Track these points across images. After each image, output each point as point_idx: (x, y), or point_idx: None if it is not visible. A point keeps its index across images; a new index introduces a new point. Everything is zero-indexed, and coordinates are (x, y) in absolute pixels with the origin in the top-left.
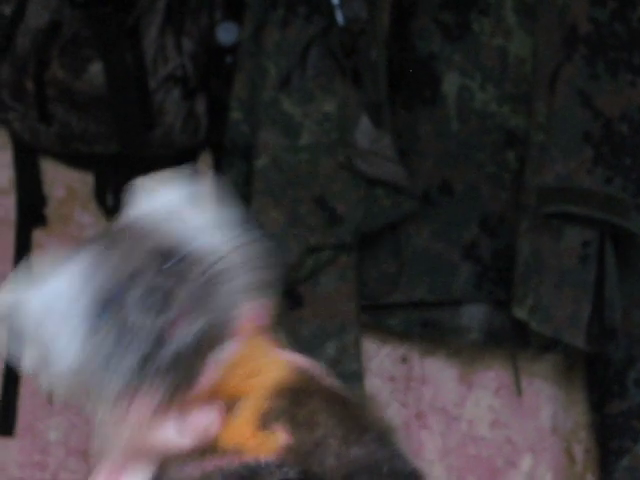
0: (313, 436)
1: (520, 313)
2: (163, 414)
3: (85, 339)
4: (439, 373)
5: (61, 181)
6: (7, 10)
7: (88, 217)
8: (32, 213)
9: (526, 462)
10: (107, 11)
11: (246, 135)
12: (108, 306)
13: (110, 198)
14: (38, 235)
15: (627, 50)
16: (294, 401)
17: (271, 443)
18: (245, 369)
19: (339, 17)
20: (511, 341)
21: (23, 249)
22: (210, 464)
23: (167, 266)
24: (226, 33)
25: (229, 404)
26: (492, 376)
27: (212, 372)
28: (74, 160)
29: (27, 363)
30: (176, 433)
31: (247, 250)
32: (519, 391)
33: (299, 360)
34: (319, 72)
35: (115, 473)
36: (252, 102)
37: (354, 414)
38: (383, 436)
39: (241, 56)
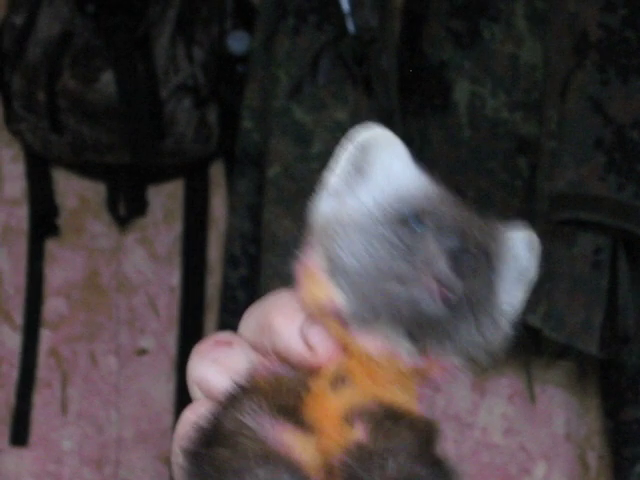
0: (387, 444)
1: (533, 320)
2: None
3: (376, 223)
4: (450, 380)
5: (73, 191)
6: (18, 20)
7: (100, 226)
8: (45, 223)
9: (540, 469)
10: (118, 21)
11: (257, 144)
12: (425, 226)
13: (122, 207)
14: (51, 245)
15: (638, 56)
16: (387, 413)
17: (346, 436)
18: (380, 376)
19: (350, 25)
20: (524, 348)
21: (36, 259)
22: (280, 434)
23: (483, 267)
24: (237, 42)
25: (335, 380)
26: (505, 383)
27: (421, 362)
28: (86, 170)
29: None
30: (296, 334)
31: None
32: (532, 398)
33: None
34: (330, 80)
35: (227, 342)
36: (263, 111)
37: (432, 447)
38: (448, 473)
39: (252, 65)
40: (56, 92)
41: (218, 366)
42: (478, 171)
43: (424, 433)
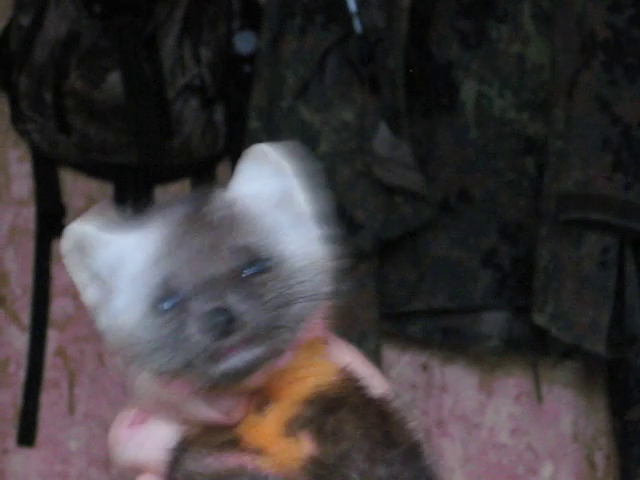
0: (338, 448)
1: (540, 320)
2: (198, 395)
3: (144, 314)
4: (459, 381)
5: (80, 191)
6: (25, 21)
7: None
8: (51, 223)
9: (547, 469)
10: (125, 21)
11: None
12: (173, 299)
13: (129, 207)
14: (58, 245)
15: None
16: (324, 409)
17: (295, 451)
18: (292, 376)
19: (357, 25)
20: (531, 348)
21: (43, 259)
22: (230, 459)
23: (246, 274)
24: (244, 42)
25: (260, 404)
26: (512, 383)
27: (258, 379)
28: (93, 170)
29: (89, 297)
30: (205, 406)
31: (322, 254)
32: (539, 398)
33: (354, 365)
34: (337, 80)
35: (141, 420)
36: (270, 111)
37: (384, 427)
38: (411, 453)
39: (259, 65)
40: (63, 92)
41: (147, 445)
42: (485, 171)
43: (368, 412)
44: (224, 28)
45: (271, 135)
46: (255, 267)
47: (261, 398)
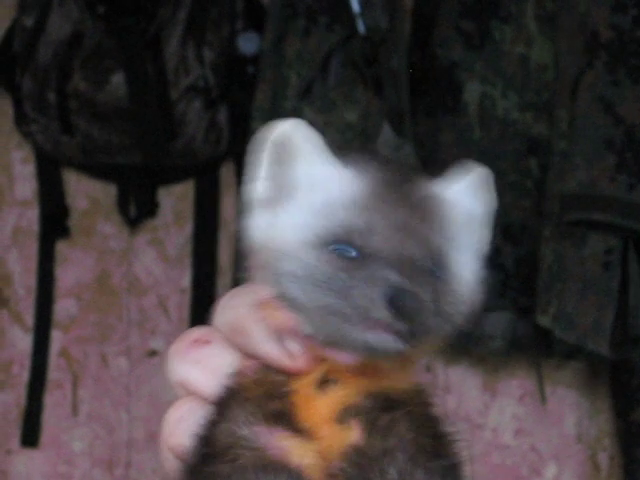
0: (384, 444)
1: (544, 320)
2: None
3: (313, 245)
4: (463, 382)
5: (84, 192)
6: (29, 22)
7: (111, 228)
8: (55, 224)
9: (550, 470)
10: (128, 22)
11: None
12: (358, 252)
13: (132, 208)
14: (61, 246)
15: None
16: (382, 406)
17: (342, 438)
18: (371, 370)
19: (360, 26)
20: (535, 349)
21: (46, 260)
22: (277, 443)
23: (435, 275)
24: (247, 43)
25: (324, 381)
26: (516, 384)
27: (378, 364)
28: (96, 171)
29: (253, 192)
30: (275, 341)
31: (476, 287)
32: (543, 399)
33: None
34: (340, 81)
35: (205, 340)
36: (274, 111)
37: (433, 440)
38: (451, 470)
39: (262, 66)
40: (67, 93)
41: (201, 367)
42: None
43: (424, 422)
44: (227, 29)
45: None
46: (440, 271)
47: (323, 377)
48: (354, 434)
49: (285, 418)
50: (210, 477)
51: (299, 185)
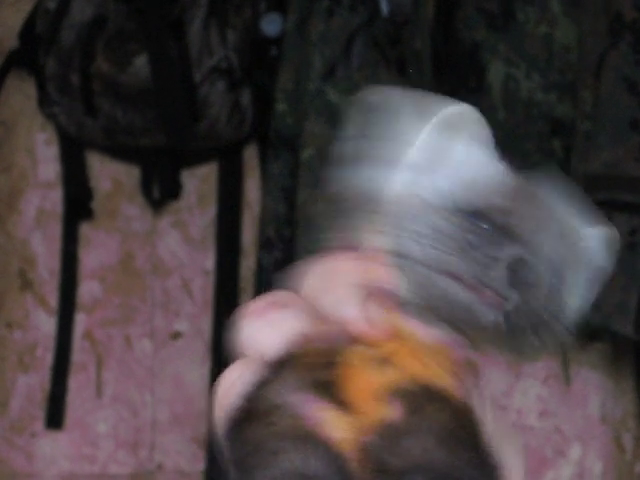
0: (417, 424)
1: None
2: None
3: (444, 212)
4: (487, 363)
5: (107, 174)
6: (52, 5)
7: (134, 210)
8: (79, 206)
9: (575, 451)
10: (151, 4)
11: (291, 126)
12: (491, 228)
13: (156, 190)
14: (85, 228)
15: None
16: (427, 394)
17: (382, 416)
18: (435, 360)
19: (383, 7)
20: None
21: (70, 242)
22: (312, 414)
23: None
24: (270, 24)
25: (382, 359)
26: (540, 365)
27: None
28: (120, 153)
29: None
30: (357, 302)
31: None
32: (568, 380)
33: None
34: (364, 62)
35: (279, 307)
36: (297, 93)
37: (469, 434)
38: (479, 465)
39: (286, 47)
40: (90, 75)
41: (272, 329)
42: (512, 153)
43: (462, 417)
44: (250, 10)
45: (298, 117)
46: (553, 279)
47: (384, 355)
48: (392, 412)
49: (329, 388)
50: (248, 440)
51: (452, 157)
